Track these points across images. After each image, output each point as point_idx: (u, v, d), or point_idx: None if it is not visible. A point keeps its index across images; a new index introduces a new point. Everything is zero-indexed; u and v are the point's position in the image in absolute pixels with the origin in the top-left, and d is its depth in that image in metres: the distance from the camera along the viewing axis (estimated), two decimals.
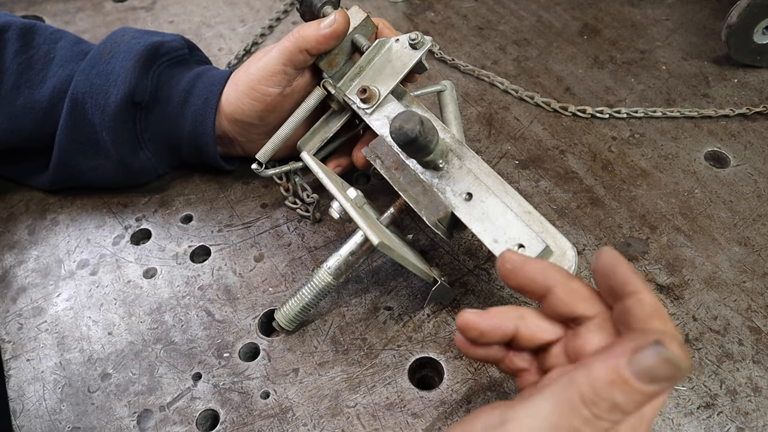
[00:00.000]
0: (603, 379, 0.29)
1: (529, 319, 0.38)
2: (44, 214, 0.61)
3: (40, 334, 0.52)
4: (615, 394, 0.28)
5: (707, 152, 0.63)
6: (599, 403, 0.29)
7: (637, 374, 0.28)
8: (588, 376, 0.29)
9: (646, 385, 0.28)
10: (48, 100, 0.56)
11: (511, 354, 0.40)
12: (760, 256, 0.54)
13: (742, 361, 0.48)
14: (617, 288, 0.34)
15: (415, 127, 0.41)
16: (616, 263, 0.34)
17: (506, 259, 0.38)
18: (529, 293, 0.38)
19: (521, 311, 0.39)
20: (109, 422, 0.47)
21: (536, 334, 0.38)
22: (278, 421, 0.46)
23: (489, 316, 0.38)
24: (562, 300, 0.37)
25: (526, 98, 0.70)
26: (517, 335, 0.38)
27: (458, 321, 0.39)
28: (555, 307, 0.37)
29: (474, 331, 0.38)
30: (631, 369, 0.28)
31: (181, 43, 0.59)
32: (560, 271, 0.37)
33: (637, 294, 0.33)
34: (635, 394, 0.28)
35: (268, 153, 0.56)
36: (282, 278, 0.55)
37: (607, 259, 0.35)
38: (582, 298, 0.36)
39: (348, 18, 0.52)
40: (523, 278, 0.38)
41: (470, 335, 0.38)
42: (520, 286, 0.38)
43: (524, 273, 0.37)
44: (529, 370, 0.39)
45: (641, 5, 0.82)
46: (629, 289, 0.33)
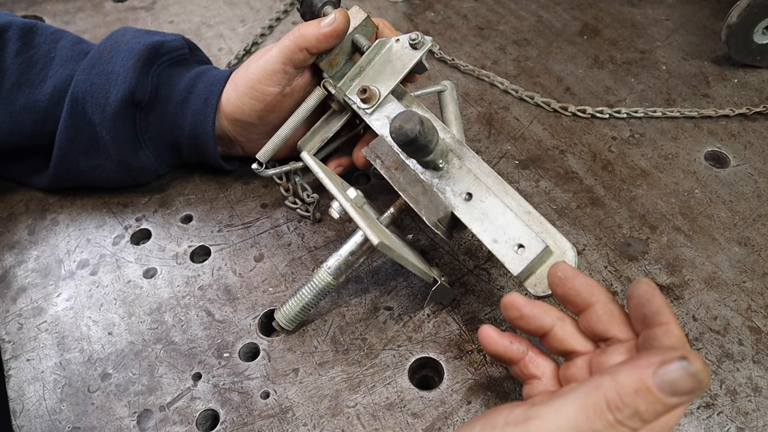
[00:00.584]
0: (629, 387, 0.30)
1: (567, 324, 0.40)
2: (44, 214, 0.61)
3: (40, 334, 0.52)
4: (638, 402, 0.30)
5: (707, 152, 0.63)
6: (623, 409, 0.30)
7: (660, 385, 0.29)
8: (615, 382, 0.31)
9: (668, 397, 0.29)
10: (48, 100, 0.56)
11: (529, 357, 0.41)
12: (760, 256, 0.54)
13: (742, 361, 0.48)
14: (649, 316, 0.36)
15: (415, 126, 0.41)
16: (652, 293, 0.37)
17: (559, 269, 0.40)
18: (571, 304, 0.40)
19: (562, 314, 0.41)
20: (109, 422, 0.47)
21: (568, 340, 0.40)
22: (278, 421, 0.46)
23: (534, 304, 0.41)
24: (600, 318, 0.39)
25: (526, 98, 0.70)
26: (550, 334, 0.40)
27: (505, 299, 0.41)
28: (592, 323, 0.39)
29: (516, 312, 0.40)
30: (656, 380, 0.29)
31: (181, 42, 0.59)
32: (605, 291, 0.40)
33: (667, 325, 0.35)
34: (657, 403, 0.29)
35: (269, 153, 0.56)
36: (282, 278, 0.55)
37: (645, 288, 0.37)
38: (618, 321, 0.39)
39: (348, 17, 0.52)
40: (570, 289, 0.40)
41: (511, 314, 0.41)
42: (565, 295, 0.40)
43: (573, 285, 0.40)
44: (540, 379, 0.41)
45: (641, 5, 0.82)
46: (660, 320, 0.36)
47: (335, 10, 0.52)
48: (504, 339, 0.42)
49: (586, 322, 0.40)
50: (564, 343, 0.40)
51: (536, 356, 0.42)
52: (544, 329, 0.40)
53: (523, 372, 0.41)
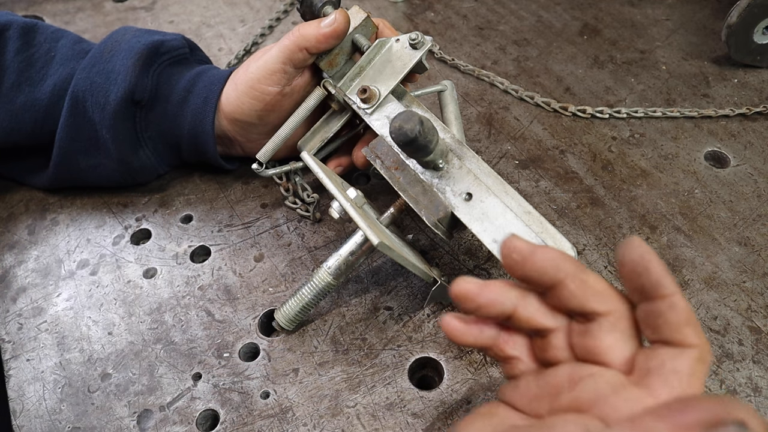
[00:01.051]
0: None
1: (530, 301, 0.36)
2: (44, 214, 0.61)
3: (40, 334, 0.52)
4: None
5: (707, 152, 0.64)
6: None
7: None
8: None
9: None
10: (48, 98, 0.56)
11: (503, 339, 0.37)
12: (760, 256, 0.54)
13: (742, 361, 0.48)
14: (648, 287, 0.32)
15: (415, 127, 0.41)
16: (648, 259, 0.32)
17: (512, 248, 0.34)
18: (536, 284, 0.35)
19: (522, 292, 0.36)
20: (109, 422, 0.47)
21: (535, 318, 0.35)
22: (278, 421, 0.46)
23: (489, 288, 0.35)
24: (573, 294, 0.34)
25: (526, 98, 0.70)
26: (514, 315, 0.36)
27: (454, 289, 0.35)
28: (565, 300, 0.34)
29: (472, 303, 0.35)
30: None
31: (181, 42, 0.59)
32: (572, 261, 0.34)
33: (671, 297, 0.31)
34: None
35: (269, 153, 0.56)
36: (282, 278, 0.55)
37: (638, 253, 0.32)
38: (596, 292, 0.34)
39: (348, 17, 0.53)
40: (531, 269, 0.34)
41: (467, 306, 0.36)
42: (527, 277, 0.35)
43: (533, 263, 0.34)
44: (520, 358, 0.37)
45: (641, 5, 0.82)
46: (663, 291, 0.31)
47: (335, 10, 0.52)
48: (471, 328, 0.37)
49: (556, 299, 0.35)
50: (532, 322, 0.35)
51: (510, 336, 0.37)
52: (506, 313, 0.35)
53: (500, 355, 0.37)
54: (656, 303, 0.32)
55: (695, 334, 0.31)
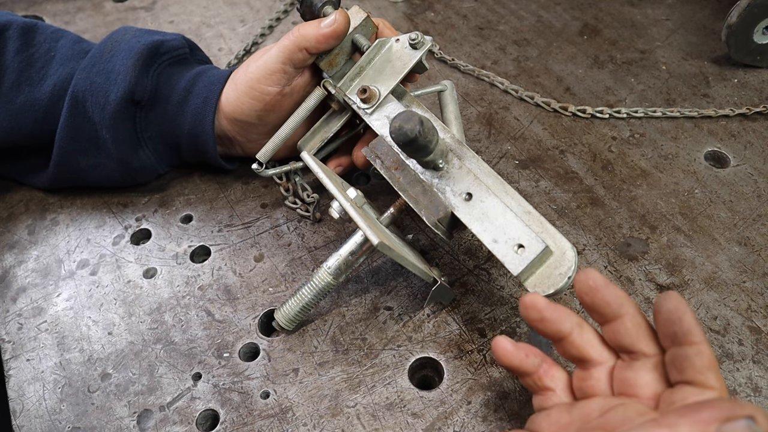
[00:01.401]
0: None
1: (586, 331, 0.40)
2: (44, 214, 0.61)
3: (40, 334, 0.52)
4: None
5: (707, 152, 0.63)
6: None
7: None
8: None
9: None
10: (48, 98, 0.56)
11: (543, 369, 0.41)
12: (760, 256, 0.54)
13: (742, 361, 0.48)
14: (680, 334, 0.35)
15: (415, 127, 0.41)
16: (683, 310, 0.36)
17: (590, 276, 0.39)
18: (598, 315, 0.39)
19: (581, 320, 0.40)
20: (109, 422, 0.47)
21: (586, 348, 0.39)
22: (278, 421, 0.46)
23: (555, 307, 0.39)
24: (629, 332, 0.38)
25: (526, 98, 0.69)
26: (568, 339, 0.39)
27: (526, 299, 0.39)
28: (619, 335, 0.38)
29: (537, 314, 0.39)
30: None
31: (181, 42, 0.59)
32: (633, 303, 0.38)
33: (699, 345, 0.35)
34: None
35: (269, 153, 0.56)
36: (282, 278, 0.55)
37: (675, 304, 0.36)
38: (646, 335, 0.38)
39: (348, 18, 0.52)
40: (600, 300, 0.38)
41: (531, 316, 0.39)
42: (594, 305, 0.39)
43: (603, 295, 0.38)
44: (555, 391, 0.40)
45: (641, 5, 0.82)
46: (692, 339, 0.35)
47: (335, 11, 0.52)
48: (520, 351, 0.41)
49: (612, 333, 0.39)
50: (581, 351, 0.39)
51: (550, 367, 0.41)
52: (562, 334, 0.39)
53: (537, 384, 0.41)
54: (685, 348, 0.35)
55: (716, 379, 0.35)
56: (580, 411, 0.38)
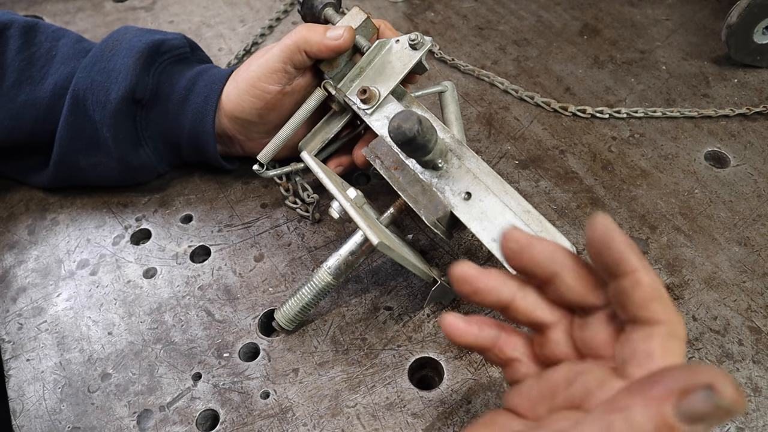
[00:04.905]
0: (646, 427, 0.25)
1: (529, 294, 0.35)
2: (44, 214, 0.61)
3: (40, 334, 0.52)
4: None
5: (707, 152, 0.63)
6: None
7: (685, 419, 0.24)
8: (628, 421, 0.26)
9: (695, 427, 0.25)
10: (49, 97, 0.56)
11: (502, 340, 0.37)
12: (760, 256, 0.54)
13: (742, 361, 0.48)
14: (612, 265, 0.31)
15: (414, 126, 0.41)
16: (611, 235, 0.30)
17: (510, 238, 0.34)
18: (533, 277, 0.35)
19: (523, 284, 0.36)
20: (109, 422, 0.47)
21: (534, 311, 0.35)
22: (278, 421, 0.46)
23: (489, 275, 0.35)
24: (570, 287, 0.33)
25: (526, 98, 0.70)
26: (511, 306, 0.35)
27: (454, 271, 0.35)
28: (561, 293, 0.34)
29: (468, 287, 0.35)
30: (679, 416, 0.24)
31: (182, 41, 0.59)
32: (569, 254, 0.34)
33: (634, 273, 0.30)
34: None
35: (269, 154, 0.56)
36: (282, 278, 0.55)
37: (601, 230, 0.31)
38: (592, 286, 0.33)
39: (354, 37, 0.53)
40: (528, 260, 0.34)
41: (464, 289, 0.35)
42: (523, 268, 0.34)
43: (530, 254, 0.34)
44: (521, 360, 0.37)
45: (641, 5, 0.82)
46: (625, 267, 0.30)
47: (345, 27, 0.52)
48: (471, 326, 0.36)
49: (554, 293, 0.34)
50: (529, 315, 0.35)
51: (509, 336, 0.37)
52: (503, 302, 0.35)
53: (500, 357, 0.37)
54: (621, 281, 0.31)
55: (663, 310, 0.30)
56: (547, 382, 0.34)
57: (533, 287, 0.36)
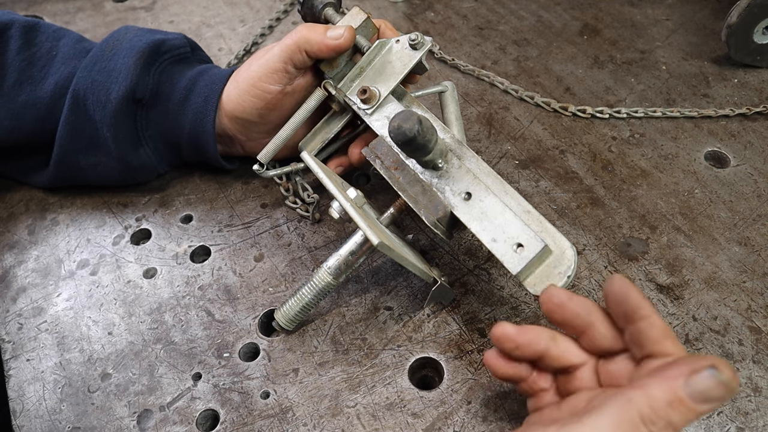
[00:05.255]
0: (661, 400, 0.31)
1: (560, 342, 0.40)
2: (44, 214, 0.61)
3: (40, 334, 0.52)
4: (672, 414, 0.31)
5: (707, 152, 0.63)
6: (657, 421, 0.31)
7: (692, 395, 0.31)
8: (646, 396, 0.32)
9: (700, 405, 0.31)
10: (50, 97, 0.56)
11: (535, 374, 0.41)
12: (760, 256, 0.54)
13: (742, 361, 0.48)
14: (630, 312, 0.36)
15: (414, 126, 0.41)
16: (628, 289, 0.37)
17: (552, 295, 0.40)
18: (571, 328, 0.40)
19: (553, 333, 0.41)
20: (109, 422, 0.47)
21: (565, 356, 0.40)
22: (278, 421, 0.46)
23: (525, 331, 0.40)
24: (603, 335, 0.39)
25: (526, 98, 0.69)
26: (546, 355, 0.40)
27: (495, 331, 0.40)
28: (596, 341, 0.39)
29: (510, 343, 0.40)
30: (687, 390, 0.31)
31: (183, 41, 0.59)
32: (599, 307, 0.40)
33: (648, 318, 0.36)
34: (689, 413, 0.31)
35: (269, 154, 0.56)
36: (282, 278, 0.55)
37: (620, 286, 0.37)
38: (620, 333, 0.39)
39: (354, 36, 0.53)
40: (569, 314, 0.39)
41: (506, 346, 0.40)
42: (564, 321, 0.40)
43: (570, 309, 0.39)
44: (548, 390, 0.41)
45: (641, 5, 0.82)
46: (642, 313, 0.36)
47: (345, 27, 0.52)
48: (510, 363, 0.41)
49: (589, 341, 0.40)
50: (561, 361, 0.40)
51: (540, 373, 0.42)
52: (539, 353, 0.40)
53: (532, 387, 0.41)
54: (638, 324, 0.36)
55: (673, 345, 0.36)
56: (568, 405, 0.39)
57: (561, 335, 0.41)
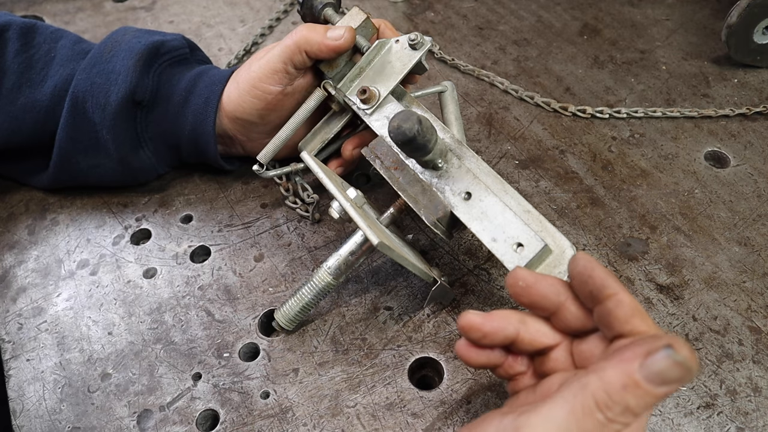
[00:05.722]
0: (616, 384, 0.30)
1: (530, 324, 0.39)
2: (44, 214, 0.61)
3: (40, 334, 0.52)
4: (628, 398, 0.30)
5: (707, 152, 0.63)
6: (613, 406, 0.30)
7: (648, 377, 0.29)
8: (601, 380, 0.30)
9: (657, 388, 0.29)
10: (49, 100, 0.56)
11: (510, 359, 0.40)
12: (760, 256, 0.54)
13: (742, 361, 0.48)
14: (595, 292, 0.35)
15: (413, 126, 0.41)
16: (591, 267, 0.35)
17: (519, 277, 0.38)
18: (541, 310, 0.39)
19: (522, 316, 0.39)
20: (109, 422, 0.47)
21: (537, 339, 0.39)
22: (278, 421, 0.46)
23: (492, 318, 0.38)
24: (575, 314, 0.38)
25: (526, 98, 0.69)
26: (517, 339, 0.39)
27: (461, 321, 0.38)
28: (567, 321, 0.38)
29: (477, 332, 0.38)
30: (643, 372, 0.29)
31: (182, 42, 0.59)
32: (568, 287, 0.38)
33: (615, 295, 0.34)
34: (647, 396, 0.29)
35: (269, 154, 0.56)
36: (282, 278, 0.55)
37: (583, 264, 0.36)
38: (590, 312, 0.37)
39: (354, 37, 0.53)
40: (536, 296, 0.38)
41: (473, 336, 0.39)
42: (532, 303, 0.38)
43: (538, 290, 0.38)
44: (526, 373, 0.40)
45: (641, 5, 0.82)
46: (607, 292, 0.35)
47: (345, 27, 0.52)
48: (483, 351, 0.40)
49: (560, 321, 0.38)
50: (534, 344, 0.39)
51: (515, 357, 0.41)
52: (510, 338, 0.39)
53: (509, 372, 0.41)
54: (605, 303, 0.35)
55: (642, 322, 0.34)
56: (542, 388, 0.38)
57: (531, 317, 0.39)
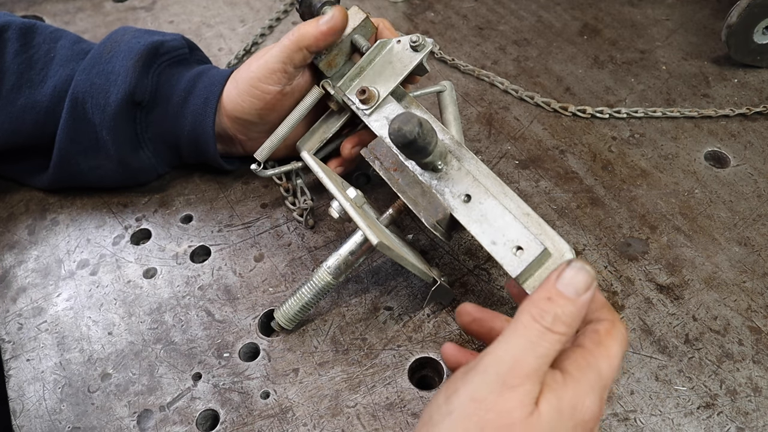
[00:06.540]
0: (542, 299, 0.36)
1: None
2: (44, 214, 0.61)
3: (40, 334, 0.52)
4: (553, 307, 0.35)
5: (707, 152, 0.63)
6: (544, 315, 0.35)
7: (563, 287, 0.36)
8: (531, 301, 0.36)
9: (573, 294, 0.35)
10: (49, 100, 0.56)
11: None
12: (760, 256, 0.54)
13: (742, 361, 0.48)
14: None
15: (414, 128, 0.41)
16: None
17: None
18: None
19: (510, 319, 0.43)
20: (109, 422, 0.47)
21: None
22: (278, 421, 0.46)
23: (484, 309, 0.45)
24: None
25: (526, 98, 0.69)
26: None
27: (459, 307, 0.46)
28: None
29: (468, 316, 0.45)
30: (559, 284, 0.36)
31: (181, 42, 0.59)
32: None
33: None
34: (568, 303, 0.35)
35: (266, 152, 0.55)
36: (282, 278, 0.55)
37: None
38: None
39: (346, 14, 0.53)
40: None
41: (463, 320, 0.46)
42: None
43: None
44: None
45: (641, 5, 0.82)
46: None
47: (333, 7, 0.52)
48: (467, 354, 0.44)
49: None
50: None
51: None
52: (495, 331, 0.43)
53: None
54: None
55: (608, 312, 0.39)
56: None
57: None
